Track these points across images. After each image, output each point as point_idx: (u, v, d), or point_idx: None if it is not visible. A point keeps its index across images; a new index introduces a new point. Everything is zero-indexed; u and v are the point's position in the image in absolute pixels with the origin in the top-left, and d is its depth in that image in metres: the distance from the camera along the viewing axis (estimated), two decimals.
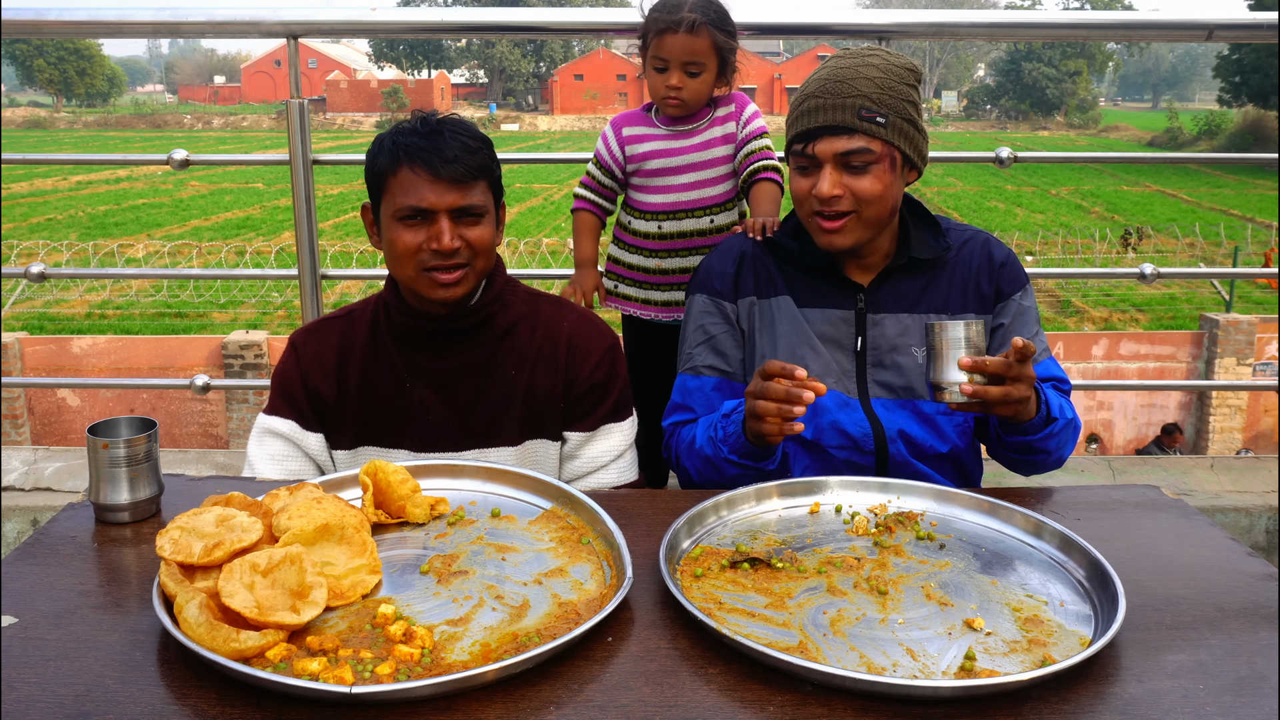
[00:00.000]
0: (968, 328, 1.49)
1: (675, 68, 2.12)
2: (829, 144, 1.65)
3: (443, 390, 1.74)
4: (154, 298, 15.45)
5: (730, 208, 2.24)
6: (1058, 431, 1.65)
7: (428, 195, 1.63)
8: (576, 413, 1.77)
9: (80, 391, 11.70)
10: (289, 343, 1.80)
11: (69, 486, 2.98)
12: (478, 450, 1.74)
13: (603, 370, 1.78)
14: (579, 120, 63.15)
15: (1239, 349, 11.84)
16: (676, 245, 2.25)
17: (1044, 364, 1.77)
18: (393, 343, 1.75)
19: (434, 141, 1.64)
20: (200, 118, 65.00)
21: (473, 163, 1.65)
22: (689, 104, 2.17)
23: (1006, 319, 1.79)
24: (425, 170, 1.63)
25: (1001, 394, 1.49)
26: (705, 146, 2.21)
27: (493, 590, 1.19)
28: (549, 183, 28.21)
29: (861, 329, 1.77)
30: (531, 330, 1.78)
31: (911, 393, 1.75)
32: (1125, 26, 3.15)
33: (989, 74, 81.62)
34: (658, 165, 2.23)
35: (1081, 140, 54.29)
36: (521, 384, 1.75)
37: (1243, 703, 1.00)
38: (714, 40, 2.11)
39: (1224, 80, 38.76)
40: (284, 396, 1.75)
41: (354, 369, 1.75)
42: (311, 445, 1.74)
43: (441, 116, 1.70)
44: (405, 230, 1.65)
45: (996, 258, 1.81)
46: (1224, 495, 2.96)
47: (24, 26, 2.64)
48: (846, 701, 0.99)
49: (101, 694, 1.00)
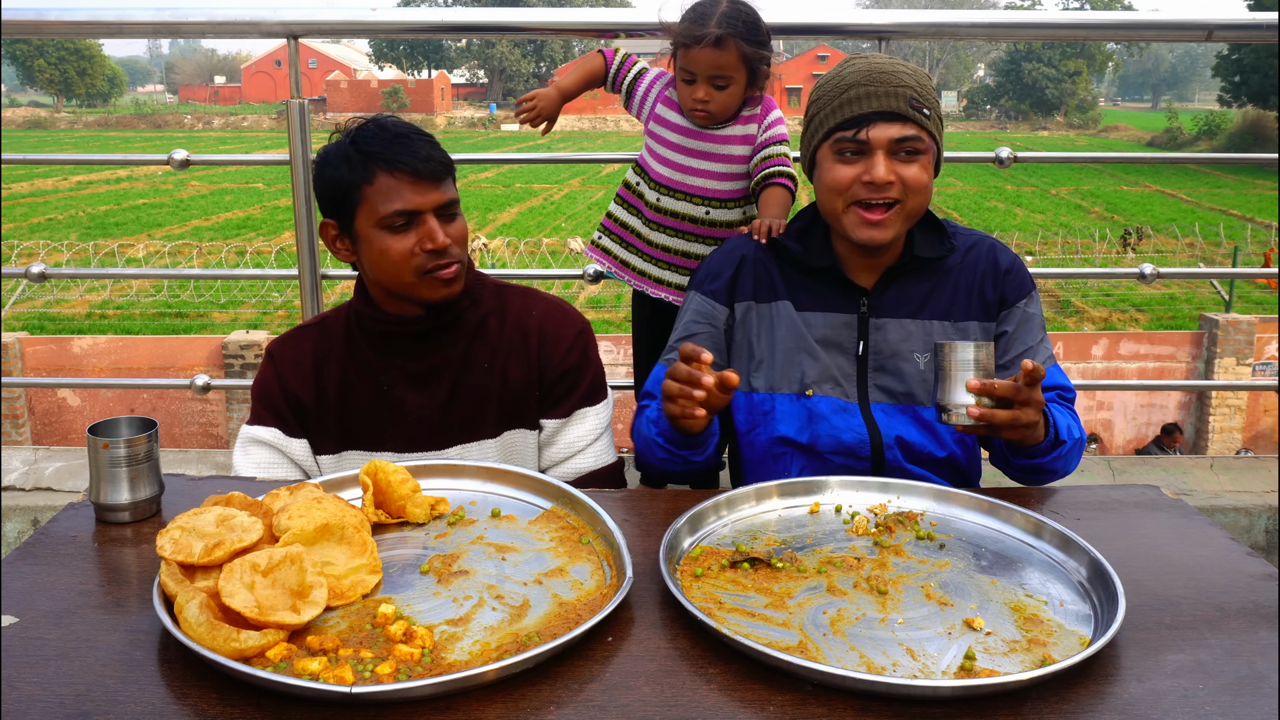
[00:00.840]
0: (978, 350, 1.47)
1: (702, 80, 2.10)
2: (884, 129, 1.64)
3: (421, 390, 1.74)
4: (154, 298, 15.45)
5: (733, 206, 2.23)
6: (1065, 453, 1.65)
7: (413, 198, 1.63)
8: (551, 399, 1.79)
9: (80, 391, 11.70)
10: (266, 353, 1.81)
11: (69, 486, 2.98)
12: (460, 446, 1.75)
13: (574, 355, 1.80)
14: (579, 120, 63.13)
15: (1239, 349, 11.84)
16: (666, 223, 2.25)
17: (1049, 372, 1.76)
18: (369, 348, 1.75)
19: (405, 144, 1.64)
20: (200, 118, 65.00)
21: (442, 158, 1.68)
22: (715, 116, 2.16)
23: (1010, 326, 1.78)
24: (407, 173, 1.63)
25: (1009, 418, 1.48)
26: (723, 141, 2.20)
27: (493, 590, 1.19)
28: (549, 183, 28.21)
29: (864, 333, 1.76)
30: (501, 323, 1.79)
31: (912, 398, 1.74)
32: (1125, 26, 3.15)
33: (989, 74, 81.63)
34: (675, 141, 2.23)
35: (1081, 140, 54.30)
36: (496, 376, 1.76)
37: (1243, 703, 1.00)
38: (741, 52, 2.07)
39: (1224, 80, 38.78)
40: (265, 405, 1.76)
41: (332, 375, 1.75)
42: (296, 451, 1.75)
43: (392, 118, 1.70)
44: (394, 237, 1.64)
45: (1002, 264, 1.79)
46: (1224, 495, 2.96)
47: (24, 26, 2.64)
48: (846, 701, 0.99)
49: (101, 694, 1.00)
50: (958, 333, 1.76)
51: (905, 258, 1.76)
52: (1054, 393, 1.76)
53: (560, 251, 17.25)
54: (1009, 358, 1.77)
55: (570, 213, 24.36)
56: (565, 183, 28.24)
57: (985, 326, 1.78)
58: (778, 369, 1.77)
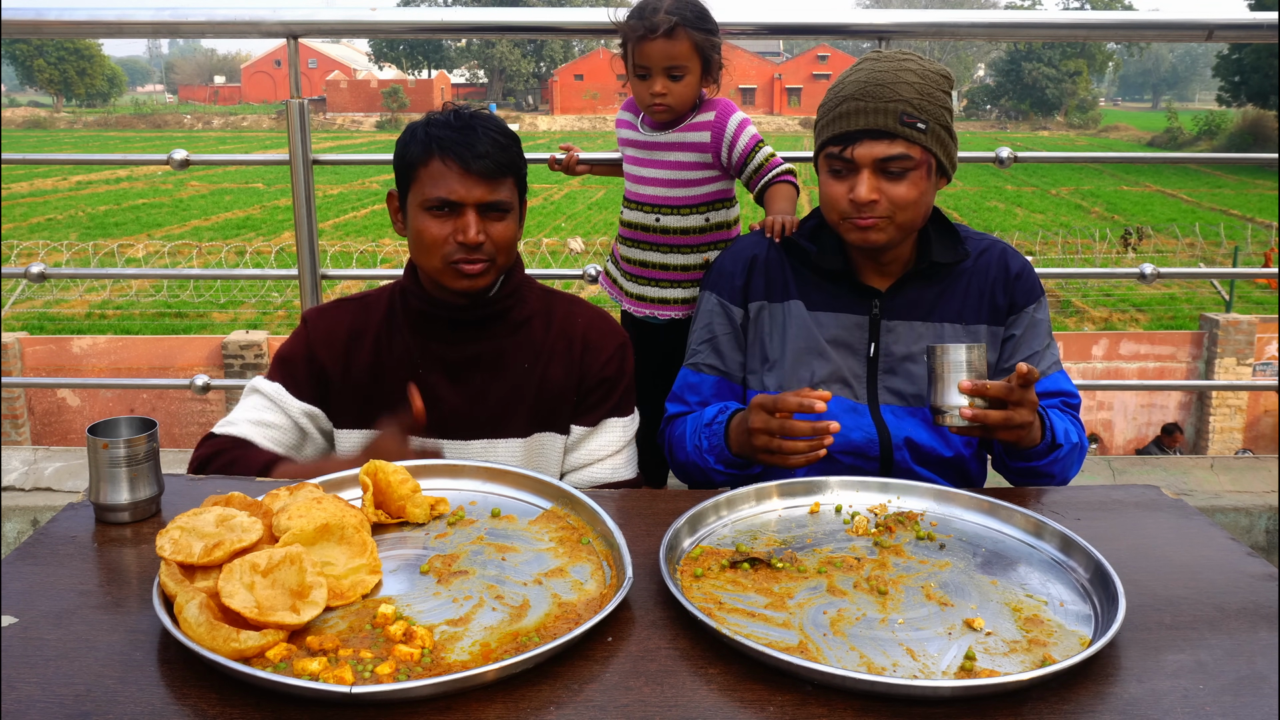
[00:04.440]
0: (969, 351, 1.49)
1: (658, 74, 2.10)
2: (869, 149, 1.63)
3: (455, 379, 1.75)
4: (154, 298, 15.45)
5: (687, 212, 2.21)
6: (1062, 457, 1.65)
7: (456, 188, 1.65)
8: (585, 406, 1.80)
9: (80, 391, 11.70)
10: (301, 318, 1.83)
11: (69, 486, 2.98)
12: (486, 440, 1.75)
13: (613, 366, 1.80)
14: (579, 120, 63.14)
15: (1239, 349, 11.84)
16: (625, 233, 2.29)
17: (1053, 377, 1.77)
18: (408, 328, 1.76)
19: (466, 135, 1.66)
20: (200, 118, 64.99)
21: (502, 159, 1.67)
22: (675, 109, 2.16)
23: (1018, 331, 1.78)
24: (456, 163, 1.65)
25: (1003, 418, 1.49)
26: (668, 148, 2.20)
27: (493, 590, 1.19)
28: (549, 183, 28.19)
29: (875, 335, 1.76)
30: (546, 325, 1.80)
31: (922, 400, 1.75)
32: (1125, 26, 3.16)
33: (989, 74, 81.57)
34: (630, 152, 2.28)
35: (1081, 140, 54.29)
36: (535, 377, 1.77)
37: (1243, 703, 1.00)
38: (693, 40, 2.08)
39: (1224, 80, 38.78)
40: (280, 365, 1.78)
41: (364, 352, 1.76)
42: (293, 408, 1.75)
43: (474, 110, 1.71)
44: (432, 221, 1.67)
45: (1013, 269, 1.79)
46: (1224, 495, 2.96)
47: (24, 26, 2.65)
48: (846, 701, 0.99)
49: (101, 694, 1.00)
50: (968, 335, 1.76)
51: (922, 263, 1.75)
52: (1058, 399, 1.75)
53: (560, 251, 17.25)
54: (1014, 362, 1.76)
55: (570, 213, 24.37)
56: (565, 183, 28.22)
57: (994, 330, 1.78)
58: (788, 369, 1.78)
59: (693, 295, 2.20)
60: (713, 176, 2.20)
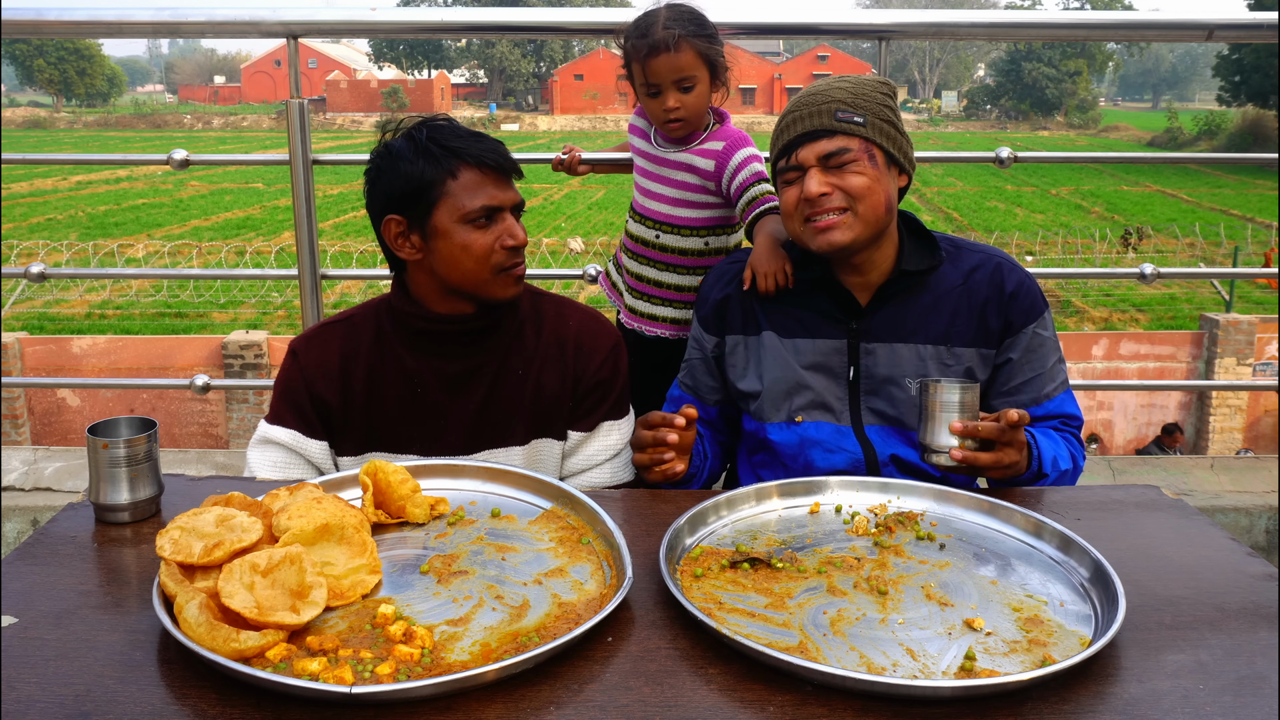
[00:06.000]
0: (963, 392, 1.51)
1: (668, 88, 2.07)
2: (810, 148, 1.66)
3: (455, 393, 1.73)
4: (154, 298, 15.45)
5: (688, 234, 2.19)
6: (1048, 485, 1.65)
7: (497, 194, 1.65)
8: (580, 410, 1.78)
9: (80, 391, 11.69)
10: (289, 350, 1.77)
11: (69, 486, 2.98)
12: (487, 451, 1.74)
13: (607, 368, 1.79)
14: (579, 120, 63.16)
15: (1239, 349, 11.84)
16: (628, 245, 2.28)
17: (1058, 400, 1.75)
18: (404, 348, 1.72)
19: (485, 142, 1.66)
20: (200, 118, 64.99)
21: (515, 159, 1.72)
22: (691, 121, 2.13)
23: (1015, 353, 1.73)
24: (493, 170, 1.65)
25: (992, 460, 1.52)
26: (674, 166, 2.18)
27: (493, 590, 1.19)
28: (549, 183, 28.20)
29: (854, 358, 1.75)
30: (537, 330, 1.78)
31: (903, 423, 1.74)
32: (1125, 26, 3.15)
33: (989, 74, 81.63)
34: (639, 165, 2.27)
35: (1081, 140, 54.30)
36: (529, 384, 1.75)
37: (1243, 703, 1.00)
38: (697, 49, 2.05)
39: (1224, 80, 38.77)
40: (288, 404, 1.72)
41: (359, 375, 1.73)
42: (314, 453, 1.72)
43: (444, 118, 1.70)
44: (477, 233, 1.64)
45: (1008, 287, 1.72)
46: (1224, 495, 2.96)
47: (24, 26, 2.64)
48: (846, 701, 0.99)
49: (101, 694, 1.00)
50: (951, 358, 1.72)
51: (896, 273, 1.73)
52: (1058, 420, 1.74)
53: (560, 251, 17.25)
54: (1014, 384, 1.74)
55: (570, 213, 24.37)
56: (565, 183, 28.21)
57: (984, 353, 1.73)
58: (767, 401, 1.78)
59: (683, 316, 2.20)
60: (714, 202, 2.19)
